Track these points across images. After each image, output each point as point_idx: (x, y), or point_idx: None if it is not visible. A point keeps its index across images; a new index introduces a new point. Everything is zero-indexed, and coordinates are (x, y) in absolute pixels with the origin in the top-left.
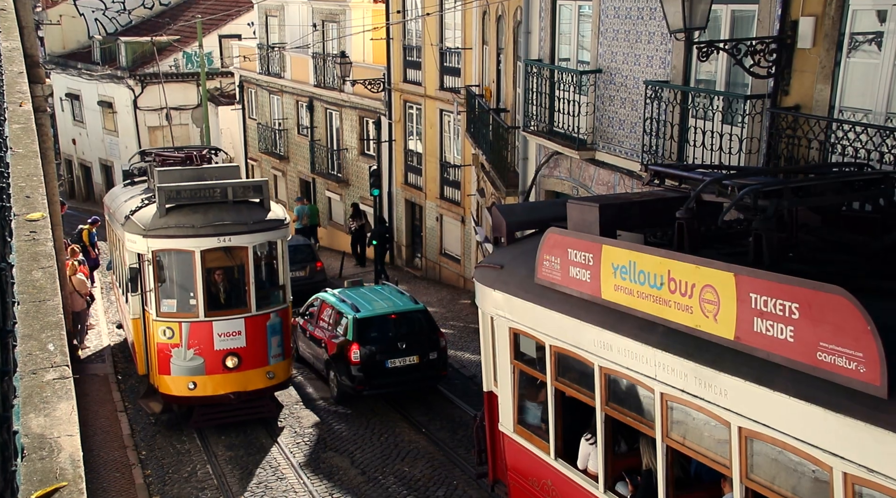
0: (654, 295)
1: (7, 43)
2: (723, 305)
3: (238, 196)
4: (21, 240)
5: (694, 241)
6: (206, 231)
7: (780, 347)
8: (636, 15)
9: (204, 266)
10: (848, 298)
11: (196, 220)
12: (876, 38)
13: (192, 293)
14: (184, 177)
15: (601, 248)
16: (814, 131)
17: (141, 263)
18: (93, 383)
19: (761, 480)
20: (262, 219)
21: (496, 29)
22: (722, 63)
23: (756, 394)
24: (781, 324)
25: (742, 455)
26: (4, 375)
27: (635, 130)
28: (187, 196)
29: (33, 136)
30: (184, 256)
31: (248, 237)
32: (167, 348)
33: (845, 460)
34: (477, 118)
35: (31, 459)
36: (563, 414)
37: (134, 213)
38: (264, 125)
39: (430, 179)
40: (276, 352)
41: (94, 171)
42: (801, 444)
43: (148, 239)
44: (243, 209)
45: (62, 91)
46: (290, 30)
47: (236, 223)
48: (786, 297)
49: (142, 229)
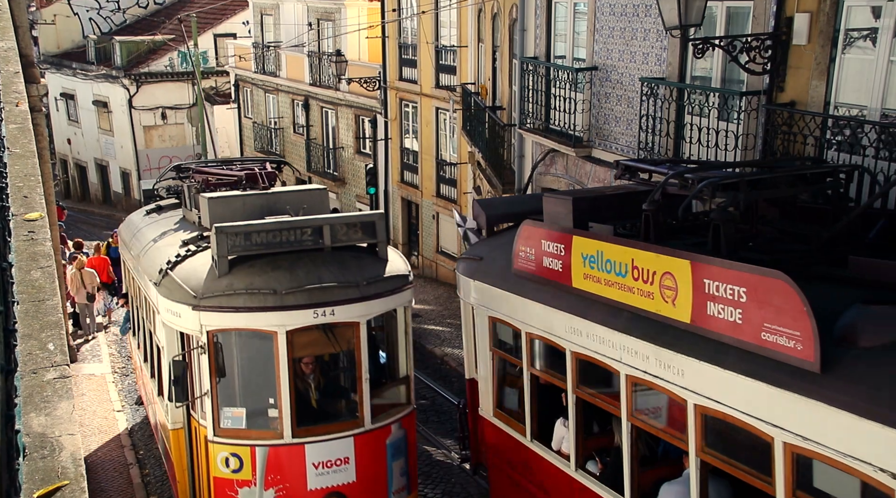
0: (619, 283)
1: (2, 43)
2: (680, 291)
3: (340, 239)
4: (20, 240)
5: (659, 231)
6: (295, 299)
7: (730, 328)
8: (631, 12)
9: (291, 355)
10: (788, 282)
11: (278, 281)
12: (871, 35)
13: (271, 399)
14: (248, 208)
15: (572, 238)
16: (809, 128)
17: (188, 348)
18: (90, 383)
19: (715, 453)
20: (379, 276)
21: (492, 26)
22: (717, 60)
23: (709, 373)
24: (731, 307)
25: (697, 430)
26: (8, 374)
27: (631, 127)
28: (262, 242)
29: (30, 136)
30: (260, 340)
31: (362, 307)
32: (231, 487)
33: (785, 431)
34: (473, 116)
35: (33, 458)
36: (539, 398)
37: (174, 268)
38: (260, 124)
39: (427, 177)
40: (400, 485)
41: (90, 171)
42: (748, 417)
43: (201, 313)
44: (349, 261)
45: (57, 91)
46: (286, 28)
47: (342, 285)
48: (735, 282)
49: (191, 296)
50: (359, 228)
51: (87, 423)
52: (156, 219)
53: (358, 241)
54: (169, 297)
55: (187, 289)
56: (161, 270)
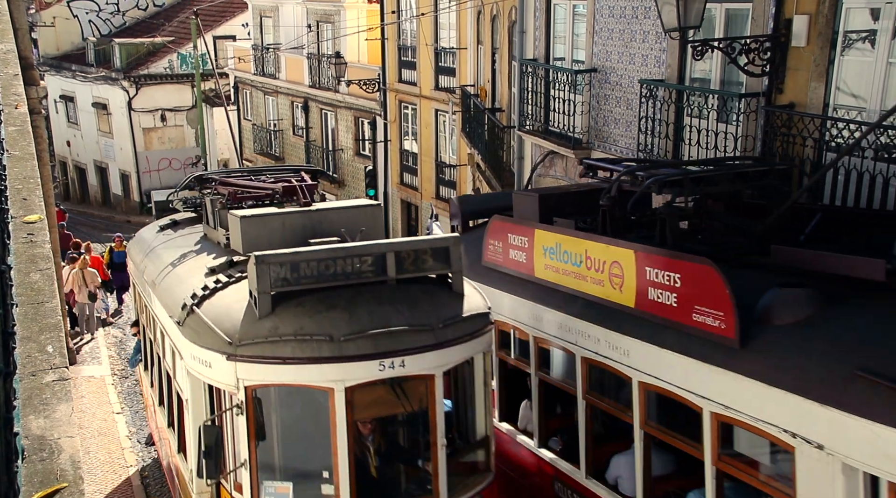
0: (575, 272)
1: (2, 45)
2: (626, 278)
3: (407, 270)
4: (19, 242)
5: (615, 225)
6: (356, 347)
7: (667, 311)
8: (631, 14)
9: (351, 417)
10: (714, 268)
11: (335, 325)
12: (869, 37)
13: (325, 472)
14: (287, 229)
15: (534, 232)
16: (808, 129)
17: (220, 406)
18: (89, 385)
19: (657, 426)
20: (457, 316)
21: (491, 29)
22: (716, 62)
23: (650, 352)
24: (668, 291)
25: (641, 405)
26: (7, 377)
27: (630, 129)
28: (312, 274)
29: (29, 138)
30: (312, 398)
31: (437, 356)
32: None
33: (711, 401)
34: (472, 118)
35: (32, 460)
36: (507, 382)
37: (201, 303)
38: (259, 126)
39: (426, 179)
40: None
41: (89, 173)
42: (682, 391)
43: (238, 363)
44: (419, 297)
45: (56, 93)
46: (285, 30)
47: (414, 328)
48: (670, 269)
49: (224, 342)
50: (429, 256)
51: (87, 425)
52: (171, 237)
53: (428, 271)
54: (196, 341)
55: (220, 333)
56: (185, 306)
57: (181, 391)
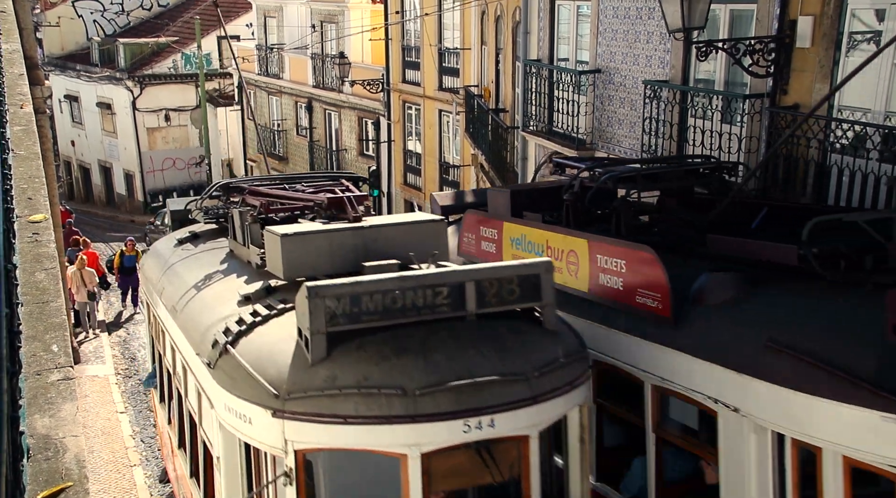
0: None
1: (7, 45)
2: (580, 266)
3: (489, 303)
4: (24, 241)
5: (577, 218)
6: (435, 403)
7: (616, 294)
8: (635, 15)
9: (428, 489)
10: (653, 254)
11: (407, 374)
12: (874, 38)
13: None
14: (336, 250)
15: (502, 224)
16: (813, 130)
17: (262, 472)
18: (93, 384)
19: (606, 402)
20: (553, 361)
21: (495, 29)
22: (721, 62)
23: (601, 332)
24: (616, 276)
25: (593, 383)
26: (12, 376)
27: (634, 130)
28: (377, 309)
29: (34, 138)
30: (380, 466)
31: (534, 413)
32: None
33: (651, 375)
34: (476, 118)
35: (37, 459)
36: None
37: (236, 342)
38: (263, 126)
39: (430, 180)
40: None
41: (93, 173)
42: (628, 366)
43: (287, 422)
44: (505, 338)
45: (61, 93)
46: (289, 31)
47: (504, 377)
48: (617, 256)
49: (269, 394)
50: (516, 285)
51: (91, 424)
52: (192, 252)
53: (514, 303)
54: (231, 389)
55: (263, 382)
56: (216, 344)
57: (210, 445)
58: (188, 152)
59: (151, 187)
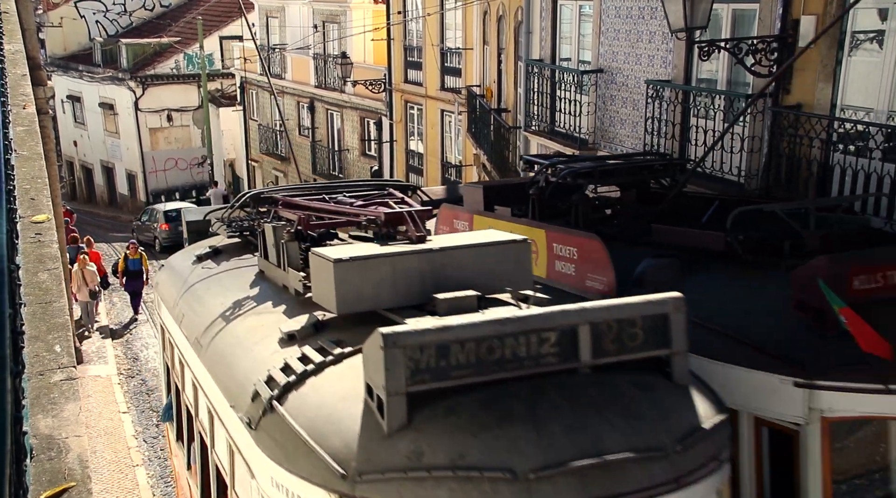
0: None
1: (10, 46)
2: (539, 254)
3: (607, 351)
4: (27, 242)
5: (543, 211)
6: (552, 490)
7: (569, 279)
8: (637, 14)
9: None
10: (599, 242)
11: (514, 448)
12: (877, 37)
13: None
14: (399, 277)
15: (472, 217)
16: (815, 130)
17: None
18: (96, 384)
19: None
20: (694, 428)
21: (497, 29)
22: (723, 62)
23: None
24: (569, 263)
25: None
26: (16, 376)
27: (637, 130)
28: (469, 362)
29: (37, 138)
30: None
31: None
32: None
33: None
34: (478, 118)
35: (40, 459)
36: None
37: (284, 397)
38: (265, 126)
39: (432, 180)
40: None
41: (96, 173)
42: None
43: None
44: (631, 395)
45: (63, 93)
46: (291, 31)
47: (639, 453)
48: (570, 244)
49: (332, 473)
50: (639, 328)
51: (93, 424)
52: (214, 271)
53: (637, 351)
54: (281, 461)
55: (324, 456)
56: (257, 397)
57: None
58: (190, 152)
59: (154, 187)
